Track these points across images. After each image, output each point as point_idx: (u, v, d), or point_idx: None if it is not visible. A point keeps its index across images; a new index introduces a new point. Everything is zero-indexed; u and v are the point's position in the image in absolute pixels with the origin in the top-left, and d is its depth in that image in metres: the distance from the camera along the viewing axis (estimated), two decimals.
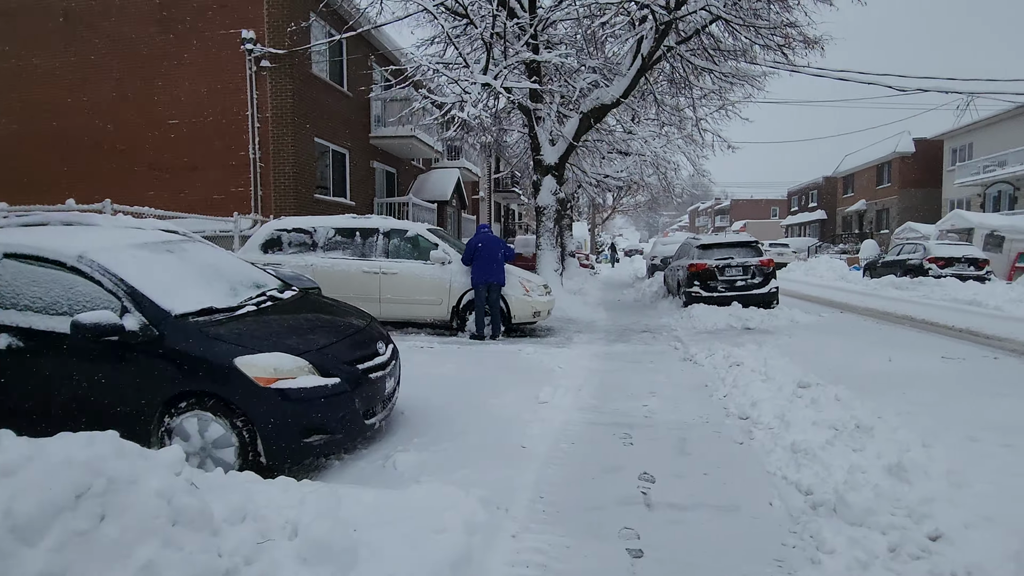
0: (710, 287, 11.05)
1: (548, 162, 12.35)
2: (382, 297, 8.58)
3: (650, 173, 20.76)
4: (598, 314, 11.76)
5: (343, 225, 8.93)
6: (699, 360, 7.05)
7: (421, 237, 8.72)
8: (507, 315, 8.47)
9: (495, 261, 8.06)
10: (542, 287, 8.77)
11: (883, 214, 36.59)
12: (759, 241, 11.63)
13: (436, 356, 6.85)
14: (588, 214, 39.91)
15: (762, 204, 77.54)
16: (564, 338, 8.69)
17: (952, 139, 31.15)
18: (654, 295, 14.67)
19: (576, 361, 6.75)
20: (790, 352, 7.32)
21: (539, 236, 12.55)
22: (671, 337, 8.99)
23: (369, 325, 4.17)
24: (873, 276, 18.67)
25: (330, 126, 13.77)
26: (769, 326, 9.92)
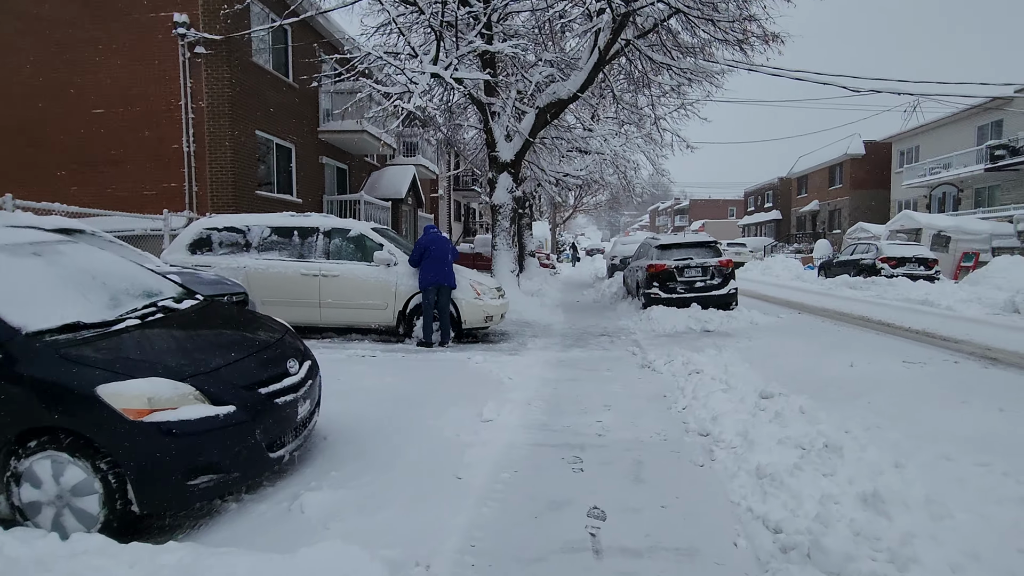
0: (669, 288, 10.78)
1: (504, 159, 11.88)
2: (322, 301, 7.97)
3: (610, 172, 20.57)
4: (556, 317, 11.37)
5: (280, 224, 8.27)
6: (658, 367, 6.69)
7: (365, 237, 8.13)
8: (457, 320, 7.97)
9: (445, 263, 7.55)
10: (495, 290, 8.30)
11: (835, 214, 37.49)
12: (718, 241, 11.43)
13: (377, 366, 6.29)
14: (549, 213, 39.65)
15: (720, 204, 79.04)
16: (518, 344, 8.24)
17: (900, 142, 32.07)
18: (614, 296, 14.38)
19: (528, 370, 6.30)
20: (750, 357, 7.06)
21: (495, 236, 12.07)
22: (629, 341, 8.64)
23: (281, 339, 3.61)
24: (828, 276, 18.87)
25: (274, 119, 12.98)
26: (729, 328, 9.70)
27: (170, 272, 5.19)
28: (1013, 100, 21.38)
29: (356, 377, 5.76)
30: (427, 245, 7.58)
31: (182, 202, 11.41)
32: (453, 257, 7.76)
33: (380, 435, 4.14)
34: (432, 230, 7.83)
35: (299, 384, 3.39)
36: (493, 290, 8.26)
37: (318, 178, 15.18)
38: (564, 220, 45.78)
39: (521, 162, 12.27)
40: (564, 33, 12.26)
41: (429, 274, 7.51)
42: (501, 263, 11.96)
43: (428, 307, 7.59)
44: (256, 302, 7.87)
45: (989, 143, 24.00)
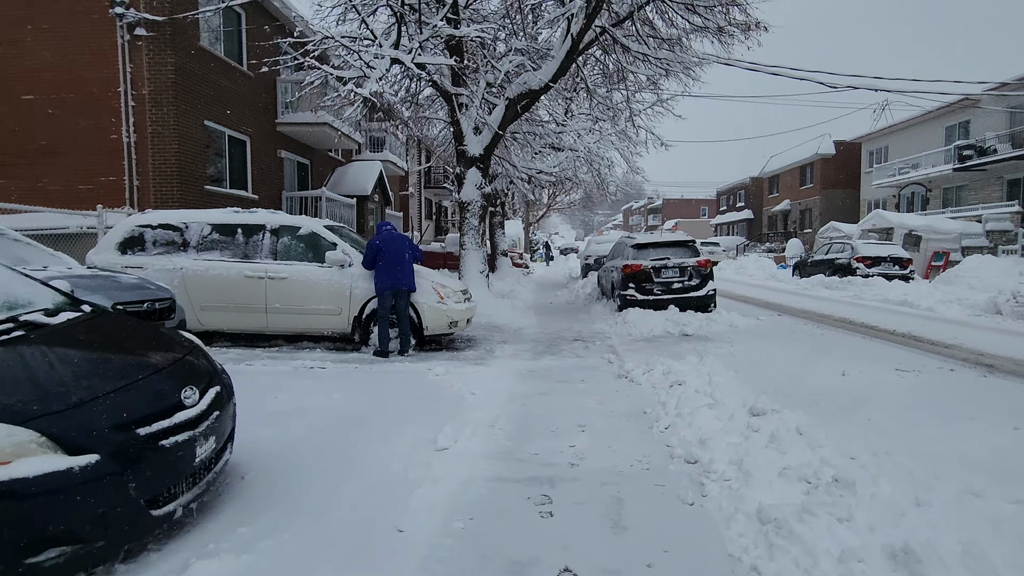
0: (646, 290, 10.28)
1: (472, 153, 11.24)
2: (269, 306, 7.23)
3: (584, 170, 20.10)
4: (527, 320, 10.77)
5: (222, 220, 7.50)
6: (636, 377, 6.14)
7: (317, 236, 7.42)
8: (419, 326, 7.31)
9: (401, 264, 6.88)
10: (460, 293, 7.67)
11: (806, 214, 37.73)
12: (696, 240, 10.99)
13: (324, 381, 5.60)
14: (522, 212, 39.10)
15: (692, 203, 79.57)
16: (485, 351, 7.62)
17: (869, 142, 32.33)
18: (588, 297, 13.86)
19: (494, 383, 5.68)
20: (734, 365, 6.57)
21: (463, 234, 11.43)
22: (605, 347, 8.09)
23: (179, 361, 2.93)
24: (803, 275, 18.68)
25: (226, 109, 12.11)
26: (708, 332, 9.24)
27: (67, 276, 4.43)
28: (981, 100, 21.53)
29: (299, 394, 5.07)
30: (380, 246, 6.90)
31: (122, 198, 10.50)
32: (413, 257, 7.09)
33: (313, 470, 3.48)
34: (386, 228, 7.15)
35: (198, 419, 2.72)
36: (458, 293, 7.62)
37: (276, 173, 14.33)
38: (538, 219, 45.30)
39: (491, 157, 11.65)
40: (535, 22, 11.69)
41: (384, 277, 6.84)
42: (470, 263, 11.33)
43: (384, 313, 6.92)
44: (195, 307, 7.12)
45: (957, 143, 24.21)
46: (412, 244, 7.12)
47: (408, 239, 7.13)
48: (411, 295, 7.03)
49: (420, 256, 7.24)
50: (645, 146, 20.46)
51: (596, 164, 19.63)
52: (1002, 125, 22.92)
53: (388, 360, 6.78)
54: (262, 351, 7.21)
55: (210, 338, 7.79)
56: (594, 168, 19.85)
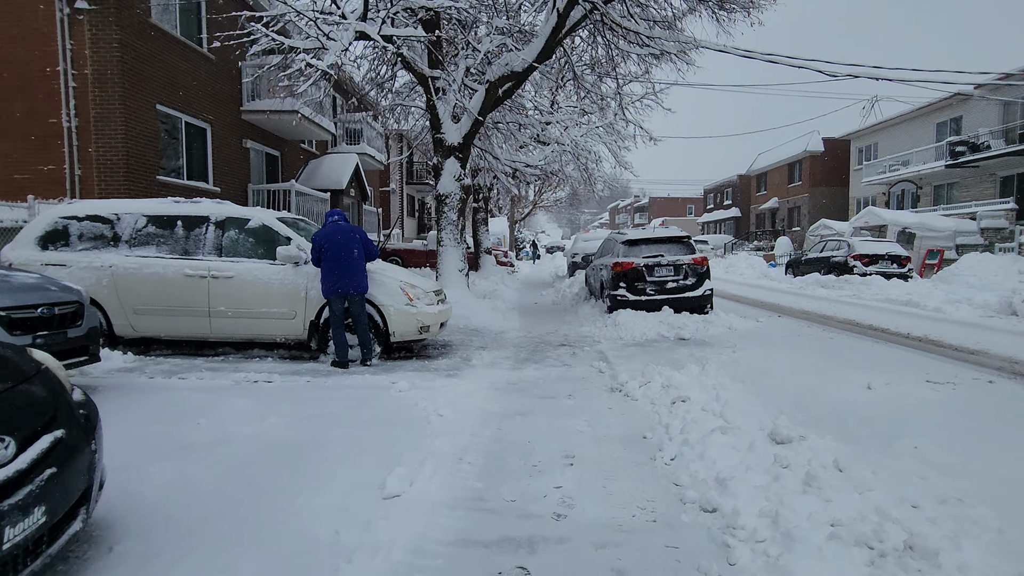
0: (638, 289, 9.49)
1: (450, 142, 10.38)
2: (212, 310, 6.33)
3: (569, 163, 19.33)
4: (510, 322, 9.94)
5: (159, 212, 6.58)
6: (631, 391, 5.34)
7: (269, 229, 6.52)
8: (384, 332, 6.44)
9: (349, 263, 5.96)
10: (432, 294, 6.81)
11: (795, 212, 37.31)
12: (691, 236, 10.22)
13: (263, 400, 4.72)
14: (507, 209, 38.28)
15: (679, 202, 79.34)
16: (460, 359, 6.77)
17: (858, 139, 31.93)
18: (575, 297, 13.06)
19: (466, 400, 4.84)
20: (741, 376, 5.80)
21: (440, 230, 10.57)
22: (594, 353, 7.29)
23: (5, 393, 2.05)
24: (796, 274, 18.06)
25: (182, 93, 11.13)
26: (706, 336, 8.48)
27: None
28: (974, 95, 21.07)
29: (227, 418, 4.19)
30: (321, 242, 6.00)
31: (63, 188, 9.50)
32: (364, 254, 6.15)
33: (212, 534, 2.61)
34: (332, 219, 6.23)
35: (9, 484, 1.85)
36: (430, 294, 6.76)
37: (241, 164, 13.34)
38: (523, 217, 44.51)
39: (470, 146, 10.79)
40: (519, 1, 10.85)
41: (329, 279, 5.94)
42: (448, 261, 10.47)
43: (337, 319, 6.03)
44: (127, 310, 6.20)
45: (950, 139, 23.77)
46: (364, 238, 6.21)
47: (359, 232, 6.22)
48: (363, 298, 6.13)
49: (375, 253, 6.34)
50: (633, 140, 19.83)
51: (583, 158, 18.88)
52: (995, 121, 22.51)
53: (347, 372, 5.90)
54: (204, 361, 6.30)
55: (147, 346, 6.86)
56: (581, 162, 19.10)
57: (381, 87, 12.96)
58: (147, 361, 6.21)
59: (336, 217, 6.27)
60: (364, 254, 6.19)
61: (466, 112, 10.26)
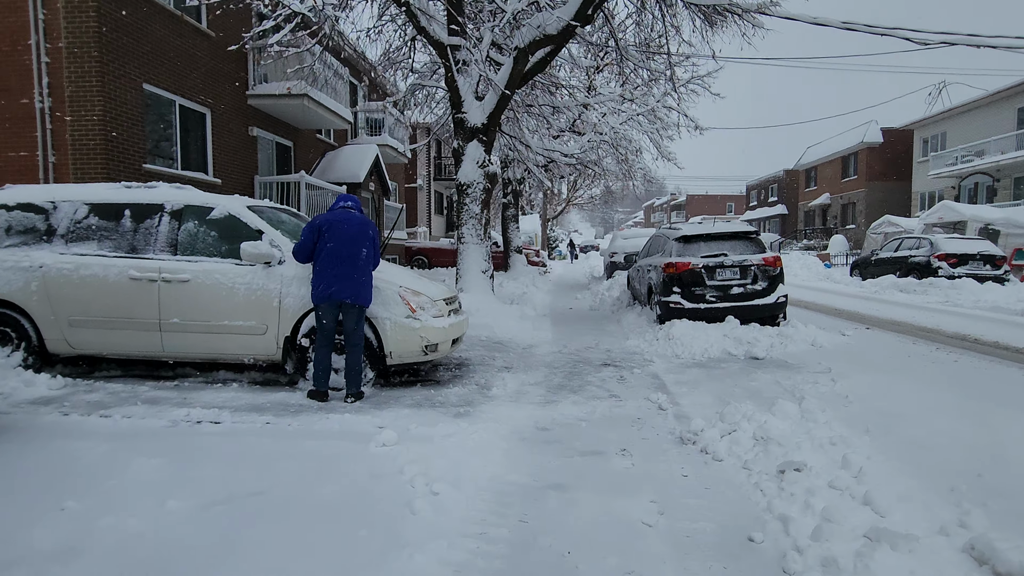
0: (695, 295, 7.87)
1: (473, 122, 8.93)
2: (164, 322, 5.00)
3: (607, 154, 17.71)
4: (541, 333, 8.43)
5: (104, 199, 5.29)
6: (711, 445, 3.78)
7: (236, 220, 5.16)
8: (378, 352, 5.01)
9: (351, 262, 4.56)
10: (442, 302, 5.34)
11: (848, 208, 34.74)
12: (759, 232, 8.53)
13: (186, 459, 3.31)
14: (540, 206, 36.77)
15: (718, 199, 76.63)
16: (477, 386, 5.29)
17: (923, 128, 29.32)
18: (615, 302, 11.46)
19: (477, 463, 3.35)
20: (860, 419, 4.20)
21: (460, 225, 9.13)
22: (648, 378, 5.73)
23: None
24: (865, 276, 16.03)
25: (176, 72, 9.95)
26: (785, 354, 6.82)
27: None
28: None
29: (112, 496, 2.80)
30: (323, 228, 4.60)
31: (35, 176, 8.39)
32: (371, 254, 4.76)
33: None
34: (342, 204, 4.83)
35: None
36: (439, 303, 5.29)
37: (247, 154, 12.15)
38: (556, 214, 42.95)
39: (496, 127, 9.32)
40: None
41: (322, 281, 4.53)
42: (469, 260, 9.02)
43: (323, 337, 4.61)
44: (61, 322, 4.93)
45: None
46: (376, 239, 4.80)
47: (373, 229, 4.82)
48: (364, 310, 4.70)
49: (378, 256, 4.91)
50: (677, 129, 18.15)
51: (623, 148, 17.24)
52: None
53: (324, 407, 4.47)
54: (151, 388, 4.97)
55: (95, 366, 5.58)
56: (620, 153, 17.46)
57: (397, 66, 11.61)
58: (79, 387, 4.91)
59: (349, 203, 4.84)
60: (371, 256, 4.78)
61: (492, 87, 8.79)
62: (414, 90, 12.58)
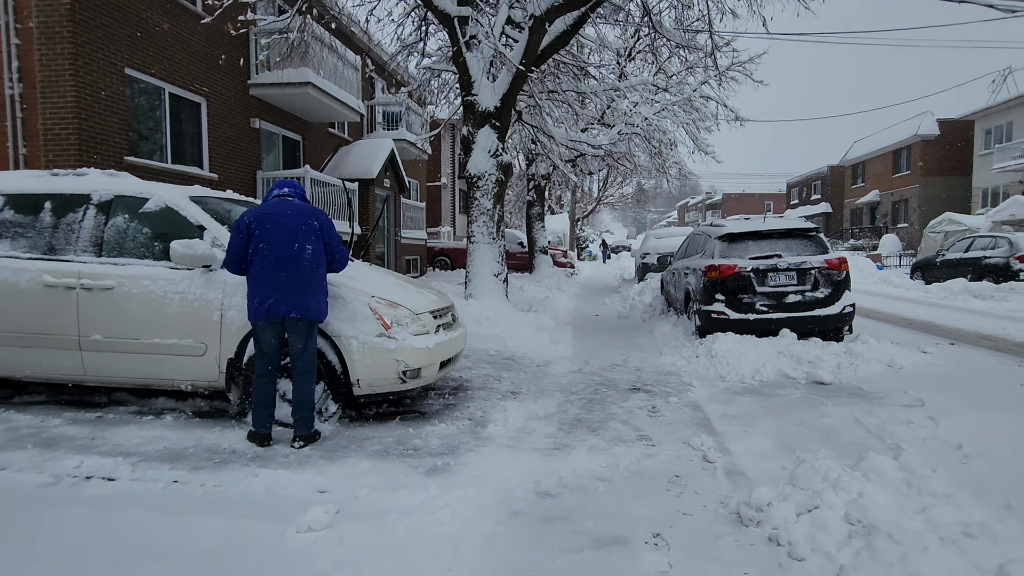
0: (743, 304, 6.63)
1: (484, 106, 7.87)
2: (84, 338, 4.05)
3: (639, 147, 16.43)
4: (559, 347, 7.29)
5: (22, 190, 4.38)
6: (782, 529, 2.63)
7: (173, 213, 4.18)
8: (342, 379, 3.96)
9: (291, 265, 3.51)
10: (428, 315, 4.27)
11: (900, 205, 32.49)
12: (819, 229, 7.23)
13: (21, 555, 2.31)
14: (569, 205, 35.53)
15: (755, 198, 73.90)
16: (470, 422, 4.20)
17: (985, 118, 27.07)
18: (647, 308, 10.24)
19: (438, 571, 2.26)
20: (992, 486, 2.99)
21: (470, 221, 8.07)
22: (687, 411, 4.57)
23: None
24: (929, 279, 14.39)
25: (165, 58, 9.16)
26: (857, 378, 5.56)
27: None
28: None
29: None
30: (251, 224, 3.56)
31: (3, 169, 7.64)
32: (318, 251, 3.65)
33: None
34: (277, 192, 3.77)
35: None
36: (424, 316, 4.22)
37: (249, 148, 11.33)
38: (586, 213, 41.64)
39: (510, 111, 8.23)
40: None
41: (257, 294, 3.50)
42: (479, 262, 7.96)
43: (264, 364, 3.57)
44: None
45: None
46: (327, 230, 3.73)
47: (320, 219, 3.73)
48: (313, 327, 3.64)
49: (342, 257, 3.85)
50: (715, 120, 16.76)
51: (656, 141, 15.94)
52: None
53: (261, 454, 3.44)
54: (66, 419, 4.03)
55: (18, 389, 4.68)
56: (653, 145, 16.16)
57: (412, 49, 10.64)
58: None
59: (286, 191, 3.78)
60: (325, 257, 3.72)
61: (506, 64, 7.70)
62: (426, 76, 11.58)
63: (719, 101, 15.90)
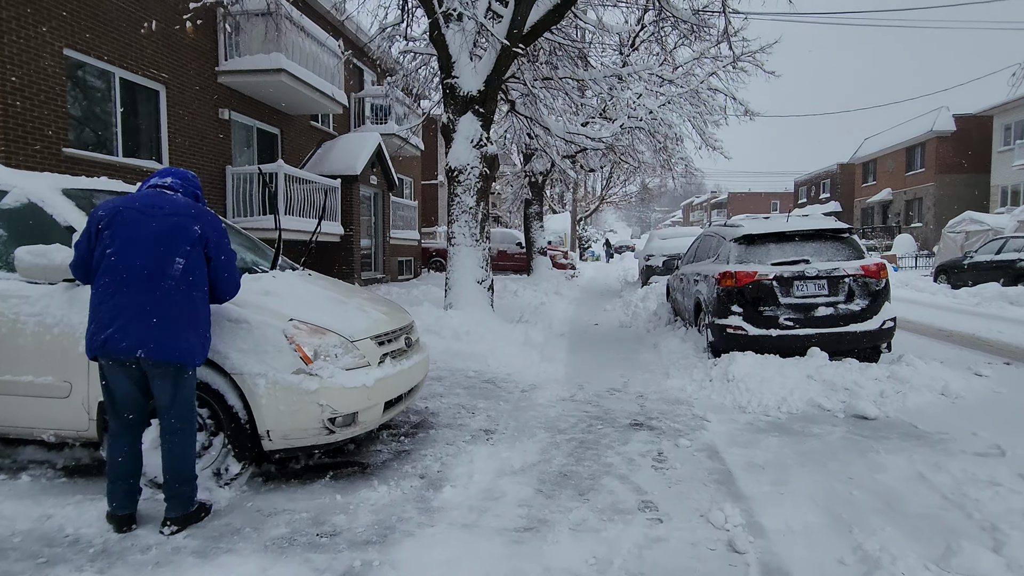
0: (765, 318, 5.65)
1: (466, 89, 6.91)
2: None
3: (643, 142, 15.44)
4: (550, 366, 6.31)
5: None
6: None
7: (37, 211, 3.22)
8: (247, 430, 2.99)
9: (147, 283, 2.50)
10: (370, 342, 3.31)
11: (914, 204, 31.37)
12: (852, 229, 6.23)
13: None
14: (571, 204, 34.53)
15: (762, 197, 72.90)
16: (419, 486, 3.22)
17: (1005, 114, 25.95)
18: (652, 318, 9.25)
19: None
20: None
21: (451, 220, 7.12)
22: (702, 461, 3.60)
23: None
24: (956, 283, 13.35)
25: (116, 39, 8.23)
26: (906, 411, 4.58)
27: None
28: None
29: None
30: (100, 223, 2.58)
31: None
32: (196, 266, 2.62)
33: None
34: (153, 183, 2.76)
35: None
36: (364, 343, 3.26)
37: (217, 141, 10.39)
38: (589, 213, 40.64)
39: (496, 96, 7.26)
40: None
41: (94, 321, 2.52)
42: (460, 267, 7.00)
43: (116, 417, 2.60)
44: None
45: None
46: (214, 238, 2.69)
47: (204, 220, 2.68)
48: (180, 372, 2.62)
49: (230, 280, 2.79)
50: (723, 114, 15.78)
51: (661, 135, 14.93)
52: None
53: (110, 552, 2.47)
54: None
55: None
56: (658, 140, 15.16)
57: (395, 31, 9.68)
58: None
59: (168, 181, 2.78)
60: (207, 275, 2.70)
61: (491, 41, 6.73)
62: (413, 64, 10.62)
63: (727, 94, 14.95)
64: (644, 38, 15.20)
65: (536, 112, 10.82)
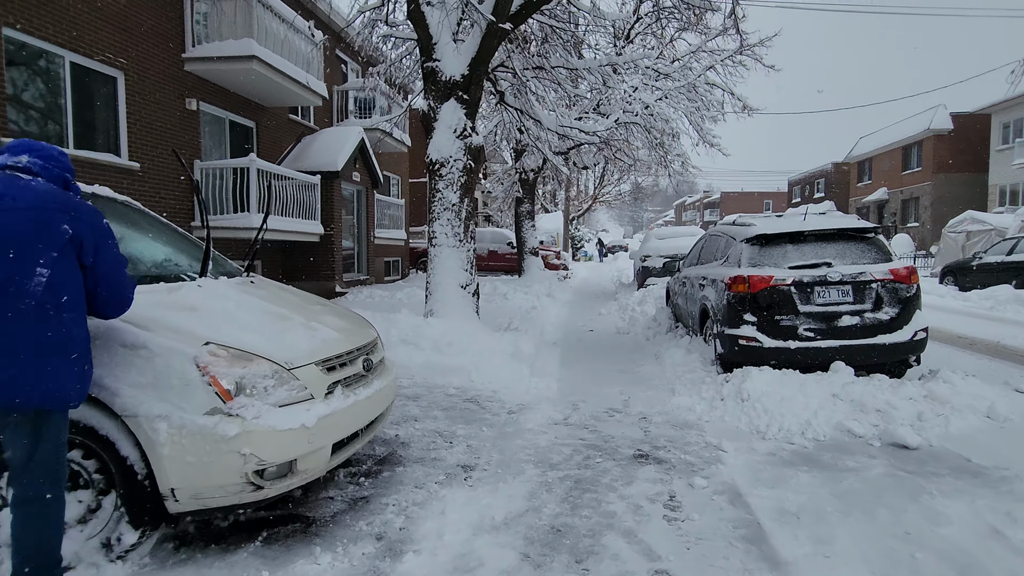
0: (782, 328, 5.02)
1: (448, 74, 6.24)
2: None
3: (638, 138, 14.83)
4: (541, 381, 5.64)
5: None
6: None
7: None
8: (149, 488, 2.32)
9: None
10: (315, 368, 2.64)
11: (910, 204, 30.98)
12: (878, 229, 5.60)
13: None
14: (563, 203, 33.90)
15: (754, 196, 72.57)
16: (376, 549, 2.56)
17: (1004, 112, 25.56)
18: (651, 323, 8.60)
19: None
20: None
21: (431, 219, 6.44)
22: (723, 507, 2.96)
23: None
24: (965, 286, 12.82)
25: (65, 19, 7.49)
26: (951, 438, 3.98)
27: None
28: None
29: None
30: None
31: None
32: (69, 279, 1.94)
33: None
34: (10, 159, 2.05)
35: None
36: (306, 370, 2.59)
37: (183, 133, 9.65)
38: (581, 212, 40.07)
39: (482, 81, 6.60)
40: None
41: None
42: (442, 271, 6.33)
43: None
44: None
45: None
46: (87, 237, 2.00)
47: (82, 215, 2.00)
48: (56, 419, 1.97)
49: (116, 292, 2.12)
50: (721, 109, 15.21)
51: (656, 131, 14.31)
52: None
53: None
54: None
55: None
56: (653, 136, 14.54)
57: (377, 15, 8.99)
58: None
59: (23, 160, 2.05)
60: (83, 288, 2.02)
61: (476, 24, 6.06)
62: (398, 52, 9.92)
63: (725, 89, 14.40)
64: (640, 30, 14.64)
65: (527, 104, 10.16)
